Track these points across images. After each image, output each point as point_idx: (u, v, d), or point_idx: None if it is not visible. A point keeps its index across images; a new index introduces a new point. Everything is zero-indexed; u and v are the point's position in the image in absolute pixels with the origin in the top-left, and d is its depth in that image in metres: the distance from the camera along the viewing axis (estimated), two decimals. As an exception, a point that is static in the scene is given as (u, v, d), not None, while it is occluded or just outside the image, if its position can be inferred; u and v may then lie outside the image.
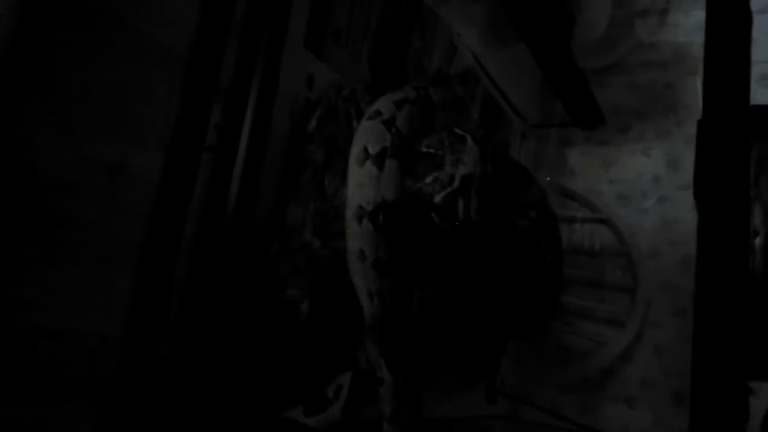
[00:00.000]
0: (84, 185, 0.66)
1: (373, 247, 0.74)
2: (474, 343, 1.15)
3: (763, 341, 0.86)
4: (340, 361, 0.82)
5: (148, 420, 0.70)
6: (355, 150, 0.78)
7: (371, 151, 0.76)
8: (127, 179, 0.70)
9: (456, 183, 0.78)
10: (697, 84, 1.97)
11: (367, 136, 0.78)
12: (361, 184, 0.75)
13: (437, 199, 0.77)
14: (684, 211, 2.03)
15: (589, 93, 1.40)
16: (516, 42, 1.29)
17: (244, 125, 0.79)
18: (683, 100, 2.09)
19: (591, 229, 2.11)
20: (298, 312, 0.75)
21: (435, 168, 0.79)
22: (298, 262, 0.77)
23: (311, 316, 0.76)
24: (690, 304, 1.43)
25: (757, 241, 0.77)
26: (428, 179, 0.78)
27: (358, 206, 0.75)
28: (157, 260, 0.73)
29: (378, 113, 0.80)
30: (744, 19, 0.75)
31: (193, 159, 0.75)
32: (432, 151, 0.79)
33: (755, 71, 0.80)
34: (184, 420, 0.73)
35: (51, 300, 0.64)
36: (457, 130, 0.81)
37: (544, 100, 1.47)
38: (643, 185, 2.09)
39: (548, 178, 1.92)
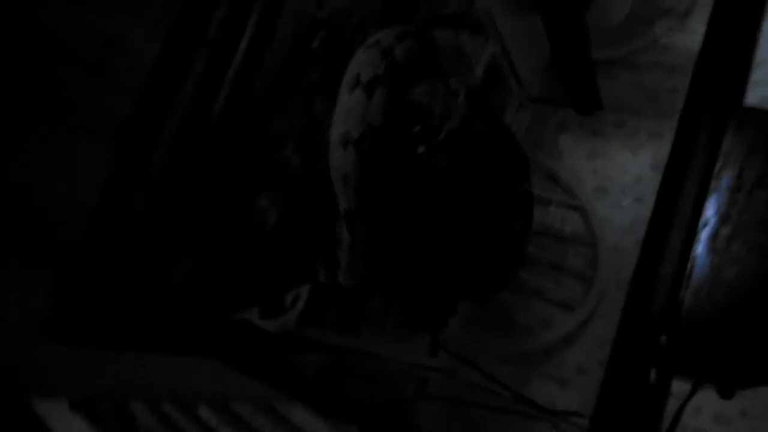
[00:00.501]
0: (82, 53, 0.65)
1: (357, 172, 0.75)
2: (429, 294, 1.18)
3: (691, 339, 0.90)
4: (300, 273, 0.83)
5: (100, 295, 0.71)
6: (348, 76, 0.78)
7: (363, 78, 0.76)
8: (123, 54, 0.69)
9: (441, 135, 0.79)
10: (699, 94, 1.98)
11: (361, 63, 0.78)
12: (349, 110, 0.75)
13: (421, 149, 0.78)
14: (656, 214, 2.08)
15: (592, 76, 1.41)
16: (533, 12, 1.28)
17: (247, 28, 0.78)
18: (683, 108, 2.10)
19: (564, 214, 2.15)
20: (265, 221, 0.76)
21: (424, 118, 0.79)
22: (275, 174, 0.78)
23: (277, 227, 0.77)
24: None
25: (704, 233, 0.80)
26: (416, 128, 0.78)
27: (344, 131, 0.75)
28: (140, 140, 0.73)
29: (377, 43, 0.80)
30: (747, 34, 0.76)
31: (191, 47, 0.74)
32: (424, 101, 0.79)
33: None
34: (136, 305, 0.75)
35: (30, 159, 0.64)
36: (453, 83, 0.81)
37: (547, 75, 1.47)
38: (624, 182, 2.11)
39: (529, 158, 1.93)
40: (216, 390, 0.94)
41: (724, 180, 0.80)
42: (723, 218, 0.82)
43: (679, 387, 1.04)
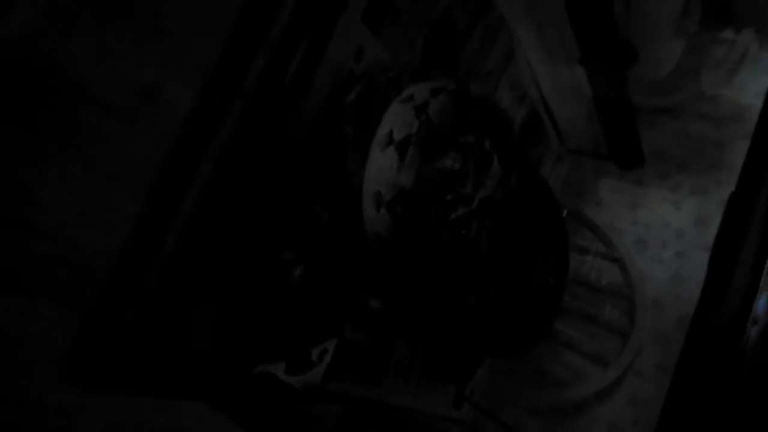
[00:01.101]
0: (114, 103, 0.66)
1: (390, 231, 0.74)
2: (456, 348, 1.15)
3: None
4: (326, 328, 0.82)
5: (122, 340, 0.72)
6: (380, 133, 0.77)
7: (396, 136, 0.75)
8: (158, 105, 0.71)
9: (474, 205, 0.77)
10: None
11: (394, 119, 0.77)
12: (381, 169, 0.75)
13: (453, 216, 0.77)
14: (699, 271, 2.00)
15: (634, 131, 1.38)
16: (575, 63, 1.27)
17: (285, 81, 0.79)
18: (729, 162, 2.04)
19: (601, 264, 2.09)
20: (290, 276, 0.76)
21: (457, 185, 0.78)
22: (302, 229, 0.78)
23: (303, 282, 0.77)
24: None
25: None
26: (449, 196, 0.77)
27: (376, 192, 0.75)
28: (169, 189, 0.74)
29: (410, 98, 0.79)
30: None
31: (228, 100, 0.75)
32: (457, 167, 0.78)
33: None
34: (158, 353, 0.75)
35: (56, 203, 0.65)
36: (487, 144, 0.80)
37: (587, 127, 1.45)
38: (665, 235, 2.06)
39: (566, 211, 1.90)
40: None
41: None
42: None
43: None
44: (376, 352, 1.04)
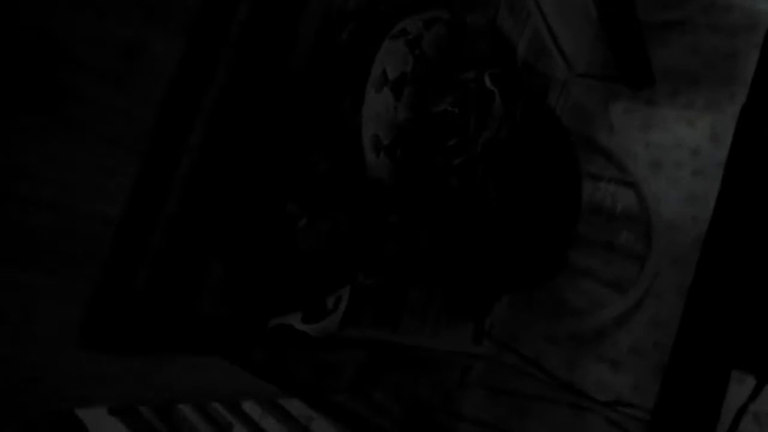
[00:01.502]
0: (99, 64, 0.64)
1: (392, 176, 0.72)
2: (472, 286, 1.15)
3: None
4: (339, 275, 0.82)
5: (131, 306, 0.71)
6: (374, 73, 0.74)
7: (390, 75, 0.72)
8: (143, 63, 0.68)
9: (478, 148, 0.75)
10: (762, 59, 1.85)
11: (387, 58, 0.74)
12: (377, 111, 0.72)
13: (457, 161, 0.74)
14: (716, 189, 1.97)
15: (643, 50, 1.32)
16: (578, -18, 1.21)
17: (270, 27, 0.75)
18: (743, 74, 1.97)
19: (615, 190, 2.06)
20: (294, 227, 0.74)
21: (459, 130, 0.75)
22: (302, 179, 0.76)
23: (308, 233, 0.75)
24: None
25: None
26: (451, 141, 0.74)
27: (373, 135, 0.72)
28: (165, 149, 0.72)
29: (403, 32, 0.75)
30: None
31: (214, 51, 0.72)
32: (456, 110, 0.74)
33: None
34: (171, 312, 0.74)
35: (53, 173, 0.64)
36: (487, 80, 0.76)
37: (594, 49, 1.39)
38: (680, 155, 2.01)
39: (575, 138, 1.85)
40: (256, 389, 0.94)
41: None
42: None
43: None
44: (391, 296, 1.04)
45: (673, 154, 2.02)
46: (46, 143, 0.62)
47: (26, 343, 0.66)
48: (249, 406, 0.99)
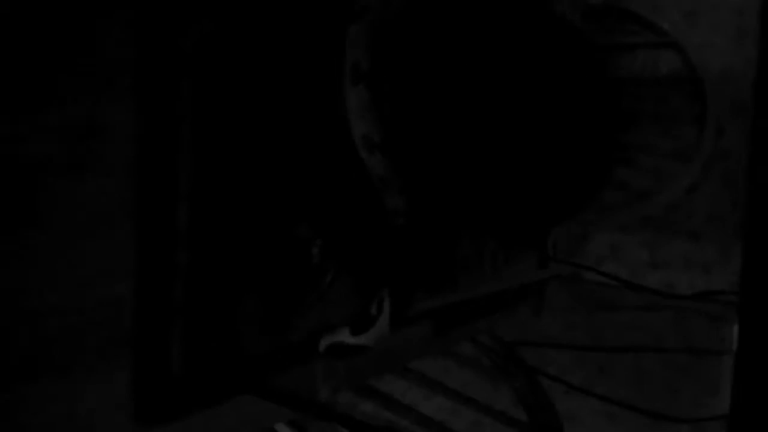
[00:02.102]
0: (61, 156, 0.61)
1: (395, 174, 0.68)
2: (520, 225, 1.10)
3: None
4: (371, 282, 0.80)
5: (177, 377, 0.72)
6: (349, 63, 0.68)
7: (363, 67, 0.66)
8: (101, 140, 0.65)
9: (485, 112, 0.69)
10: None
11: (355, 48, 0.68)
12: (360, 109, 0.67)
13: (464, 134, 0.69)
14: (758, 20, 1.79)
15: None
16: None
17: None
18: None
19: (655, 55, 1.91)
20: (309, 254, 0.72)
21: (454, 92, 0.69)
22: (311, 196, 0.72)
23: (324, 258, 0.73)
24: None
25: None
26: (449, 109, 0.68)
27: (364, 134, 0.68)
28: (154, 209, 0.70)
29: (365, 9, 0.68)
30: None
31: (169, 97, 0.68)
32: (444, 78, 0.68)
33: None
34: (212, 364, 0.75)
35: (55, 275, 0.63)
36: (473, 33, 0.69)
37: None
38: (715, -2, 1.83)
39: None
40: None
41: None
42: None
43: None
44: (436, 262, 1.01)
45: (708, -2, 1.84)
46: (40, 251, 0.61)
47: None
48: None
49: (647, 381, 1.83)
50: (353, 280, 0.75)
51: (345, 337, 0.77)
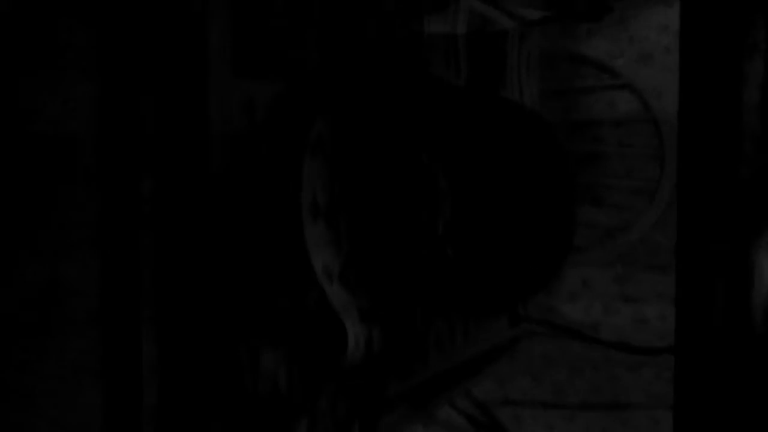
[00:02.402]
0: (27, 318, 0.65)
1: (352, 303, 0.72)
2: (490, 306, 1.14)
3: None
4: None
5: None
6: (305, 200, 0.72)
7: (320, 201, 0.70)
8: (63, 296, 0.69)
9: (440, 231, 0.73)
10: None
11: (313, 181, 0.71)
12: (317, 243, 0.71)
13: (425, 251, 0.73)
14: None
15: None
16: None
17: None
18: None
19: (612, 96, 1.97)
20: (275, 384, 0.75)
21: (415, 222, 0.73)
22: (274, 326, 0.76)
23: (290, 385, 0.76)
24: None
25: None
26: (411, 235, 0.73)
27: (324, 266, 0.71)
28: (122, 364, 0.73)
29: (319, 144, 0.72)
30: None
31: (131, 248, 0.72)
32: (406, 205, 0.72)
33: None
34: None
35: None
36: (424, 158, 0.73)
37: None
38: (666, 40, 1.90)
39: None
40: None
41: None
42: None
43: None
44: (406, 351, 1.05)
45: (659, 41, 1.90)
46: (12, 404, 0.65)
47: None
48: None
49: None
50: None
51: None
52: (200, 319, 0.75)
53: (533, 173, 0.98)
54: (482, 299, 1.14)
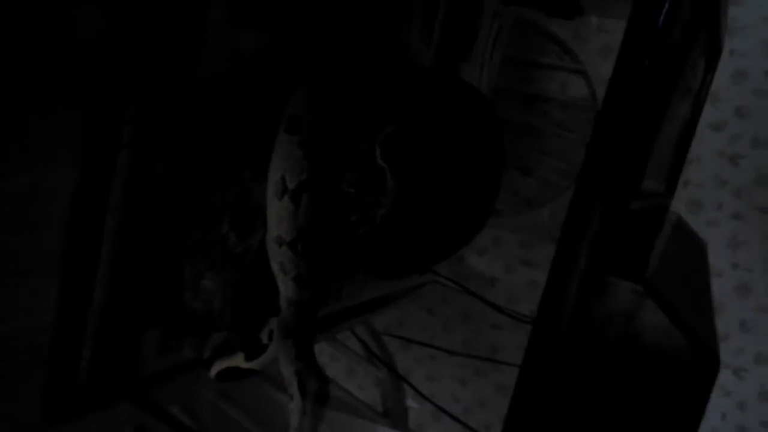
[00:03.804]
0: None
1: (293, 265, 0.81)
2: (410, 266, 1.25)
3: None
4: (264, 315, 0.93)
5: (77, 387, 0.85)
6: (272, 178, 0.79)
7: (289, 184, 0.78)
8: (41, 202, 0.74)
9: (377, 221, 0.82)
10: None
11: (284, 163, 0.79)
12: (279, 217, 0.79)
13: (361, 230, 0.82)
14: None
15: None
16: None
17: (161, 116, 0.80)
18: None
19: (566, 78, 2.08)
20: (212, 309, 0.86)
21: (357, 208, 0.82)
22: (214, 255, 0.85)
23: (224, 312, 0.87)
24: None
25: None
26: (353, 217, 0.82)
27: (277, 236, 0.80)
28: (80, 262, 0.81)
29: (295, 124, 0.78)
30: None
31: (108, 163, 0.78)
32: (353, 191, 0.81)
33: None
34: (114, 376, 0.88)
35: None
36: (378, 155, 0.81)
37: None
38: (629, 40, 1.99)
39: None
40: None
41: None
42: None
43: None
44: (325, 285, 1.17)
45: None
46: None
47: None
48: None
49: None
50: (246, 310, 0.90)
51: (239, 362, 0.91)
52: (157, 232, 0.84)
53: (468, 147, 1.07)
54: (405, 265, 1.26)
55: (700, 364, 0.76)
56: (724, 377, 1.91)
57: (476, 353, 2.04)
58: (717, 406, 1.93)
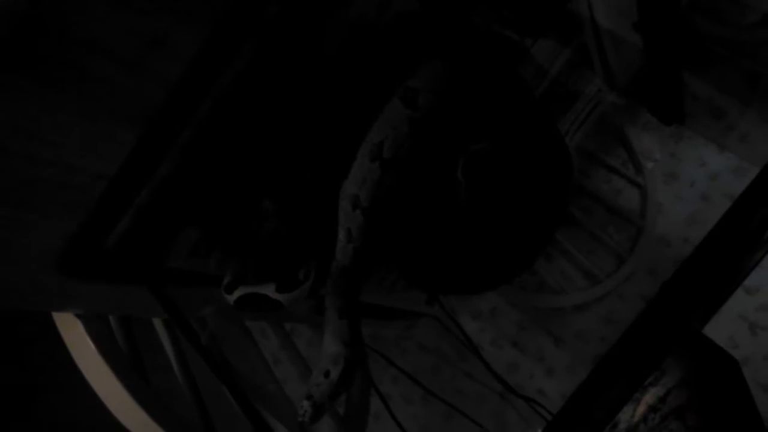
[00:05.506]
0: (120, 51, 0.69)
1: (360, 233, 0.80)
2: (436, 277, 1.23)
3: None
4: (307, 254, 0.90)
5: (112, 244, 0.82)
6: (372, 138, 0.78)
7: (386, 154, 0.77)
8: (164, 51, 0.72)
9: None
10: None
11: (389, 129, 0.77)
12: (364, 179, 0.77)
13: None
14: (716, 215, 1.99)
15: (679, 88, 1.31)
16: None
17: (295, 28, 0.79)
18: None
19: (624, 187, 2.09)
20: (265, 223, 0.83)
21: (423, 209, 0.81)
22: (283, 180, 0.83)
23: (276, 232, 0.84)
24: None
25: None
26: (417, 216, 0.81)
27: (354, 194, 0.78)
28: (166, 124, 0.78)
29: (413, 96, 0.76)
30: None
31: (235, 43, 0.76)
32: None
33: None
34: (140, 259, 0.85)
35: (56, 137, 0.71)
36: (459, 170, 0.80)
37: (637, 78, 1.37)
38: (697, 175, 2.01)
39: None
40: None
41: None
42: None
43: None
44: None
45: (691, 171, 2.02)
46: (56, 113, 0.70)
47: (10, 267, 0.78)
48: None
49: None
50: (289, 243, 0.87)
51: (269, 291, 0.87)
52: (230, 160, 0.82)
53: (541, 191, 1.06)
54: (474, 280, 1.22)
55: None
56: None
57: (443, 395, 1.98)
58: None
